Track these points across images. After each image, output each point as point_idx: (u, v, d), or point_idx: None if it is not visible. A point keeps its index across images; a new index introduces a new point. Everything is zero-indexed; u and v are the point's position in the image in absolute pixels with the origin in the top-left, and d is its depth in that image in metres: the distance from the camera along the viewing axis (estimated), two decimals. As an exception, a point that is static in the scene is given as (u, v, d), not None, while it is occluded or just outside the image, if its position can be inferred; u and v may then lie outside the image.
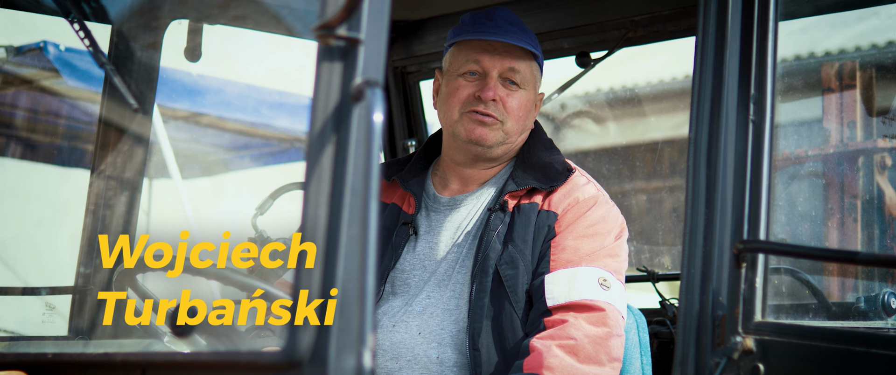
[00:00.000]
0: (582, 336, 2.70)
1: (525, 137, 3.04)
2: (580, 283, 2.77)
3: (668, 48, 5.46)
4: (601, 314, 2.73)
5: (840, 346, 2.16)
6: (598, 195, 2.94)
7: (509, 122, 2.94)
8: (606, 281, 2.78)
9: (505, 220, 2.88)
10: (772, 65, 2.31)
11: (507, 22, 2.99)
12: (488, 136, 2.93)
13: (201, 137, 8.06)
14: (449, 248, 2.94)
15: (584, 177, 2.99)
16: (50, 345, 3.22)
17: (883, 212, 5.08)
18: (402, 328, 2.85)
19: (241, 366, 1.90)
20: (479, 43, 2.97)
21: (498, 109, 2.93)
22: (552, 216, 2.87)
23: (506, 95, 2.94)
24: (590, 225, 2.86)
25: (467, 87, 2.95)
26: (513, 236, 2.85)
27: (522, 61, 2.97)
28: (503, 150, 2.98)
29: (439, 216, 3.00)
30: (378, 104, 1.79)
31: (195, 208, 7.43)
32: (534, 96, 3.02)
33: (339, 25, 1.83)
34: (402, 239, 2.98)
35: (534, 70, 3.01)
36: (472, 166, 3.02)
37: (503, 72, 2.95)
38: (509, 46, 2.96)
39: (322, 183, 1.81)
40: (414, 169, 3.09)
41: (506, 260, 2.82)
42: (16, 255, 7.51)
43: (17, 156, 7.83)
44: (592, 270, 2.79)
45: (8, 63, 6.66)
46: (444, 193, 3.04)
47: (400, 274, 2.94)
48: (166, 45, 3.60)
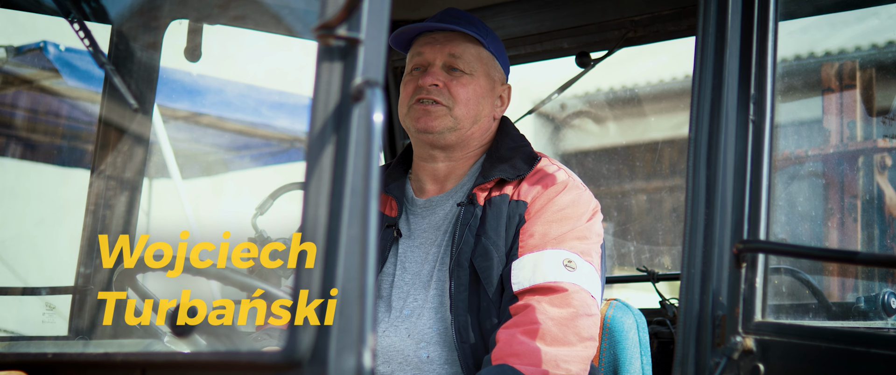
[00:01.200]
0: (546, 320, 2.69)
1: (484, 127, 3.01)
2: (544, 266, 2.76)
3: (668, 48, 5.47)
4: (564, 295, 2.72)
5: (840, 346, 2.16)
6: (567, 180, 2.92)
7: (458, 108, 2.93)
8: (571, 262, 2.76)
9: (476, 213, 2.88)
10: (772, 65, 2.31)
11: (454, 17, 3.00)
12: (435, 123, 2.92)
13: (201, 137, 8.06)
14: (429, 249, 2.95)
15: (555, 164, 2.98)
16: (50, 345, 3.22)
17: (883, 212, 5.08)
18: (392, 332, 2.86)
19: (241, 366, 1.90)
20: (422, 37, 3.00)
21: (442, 94, 2.92)
22: (522, 205, 2.87)
23: (449, 80, 2.93)
24: (559, 209, 2.85)
25: (413, 82, 2.97)
26: (485, 228, 2.85)
27: (465, 47, 2.96)
28: (456, 137, 2.96)
29: (417, 219, 3.01)
30: (378, 104, 1.79)
31: (195, 208, 7.43)
32: (486, 83, 2.99)
33: (339, 25, 1.83)
34: (387, 242, 2.98)
35: (483, 57, 2.99)
36: (437, 160, 3.01)
37: (445, 60, 2.95)
38: (450, 34, 2.97)
39: (322, 183, 1.81)
40: (394, 173, 3.09)
41: (480, 253, 2.83)
42: (16, 255, 7.51)
43: (17, 156, 7.83)
44: (557, 252, 2.78)
45: (8, 63, 6.66)
46: (421, 196, 3.05)
47: (386, 277, 2.96)
48: (166, 45, 3.61)
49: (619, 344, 3.05)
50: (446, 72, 2.94)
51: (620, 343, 3.05)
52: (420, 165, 3.06)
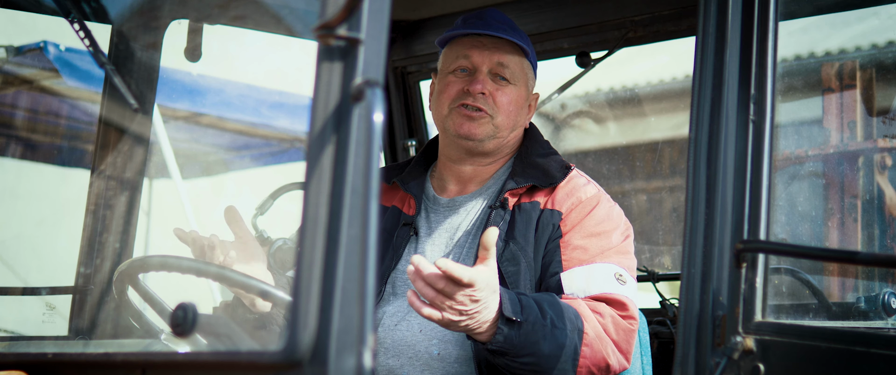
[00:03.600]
0: (609, 316, 2.73)
1: (518, 135, 3.04)
2: (598, 278, 2.79)
3: (668, 48, 5.46)
4: (625, 308, 2.77)
5: (840, 346, 2.16)
6: (599, 195, 2.95)
7: (499, 117, 2.95)
8: (622, 277, 2.81)
9: (505, 218, 2.89)
10: (772, 65, 2.31)
11: (497, 21, 3.01)
12: (477, 131, 2.94)
13: (201, 137, 8.06)
14: (449, 248, 2.95)
15: (584, 177, 3.01)
16: (50, 345, 3.21)
17: (883, 212, 5.07)
18: (404, 326, 2.86)
19: (241, 366, 1.90)
20: (468, 39, 3.00)
21: (487, 103, 2.94)
22: (556, 215, 2.88)
23: (495, 90, 2.95)
24: (596, 223, 2.88)
25: (457, 83, 2.97)
26: (514, 234, 2.86)
27: (512, 56, 2.98)
28: (494, 145, 2.99)
29: (438, 217, 3.01)
30: (378, 104, 1.79)
31: (195, 208, 7.43)
32: (525, 93, 3.02)
33: (339, 25, 1.83)
34: (403, 240, 2.98)
35: (524, 67, 3.01)
36: (466, 163, 3.03)
37: (492, 67, 2.96)
38: (498, 41, 2.97)
39: (322, 183, 1.81)
40: (414, 171, 3.10)
41: (507, 258, 2.83)
42: (16, 255, 7.51)
43: (17, 156, 7.83)
44: (607, 266, 2.81)
45: (8, 63, 6.66)
46: (443, 195, 3.05)
47: (401, 274, 2.95)
48: (166, 45, 3.60)
49: (619, 344, 3.05)
50: (492, 79, 2.96)
51: (620, 343, 3.06)
52: (446, 165, 3.06)
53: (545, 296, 2.67)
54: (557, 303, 2.65)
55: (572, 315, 2.65)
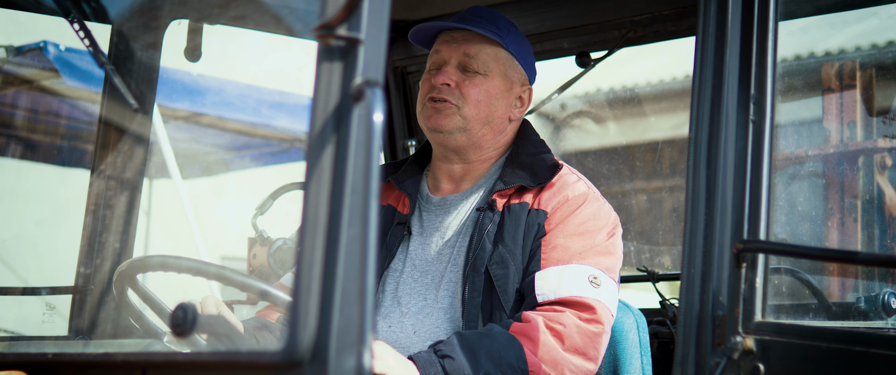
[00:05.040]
0: (572, 325, 2.69)
1: (498, 129, 2.99)
2: (570, 280, 2.75)
3: (668, 48, 5.47)
4: (591, 311, 2.73)
5: (840, 346, 2.16)
6: (588, 192, 2.91)
7: (467, 108, 2.91)
8: (596, 279, 2.77)
9: (494, 220, 2.87)
10: (772, 65, 2.31)
11: (474, 15, 3.00)
12: (444, 122, 2.91)
13: (201, 137, 8.07)
14: (441, 248, 2.94)
15: (574, 174, 2.97)
16: (50, 345, 3.22)
17: (883, 212, 5.08)
18: (398, 328, 2.85)
19: (241, 366, 1.90)
20: (442, 36, 3.01)
21: (452, 94, 2.91)
22: (542, 214, 2.86)
23: (462, 80, 2.92)
24: (580, 222, 2.85)
25: (428, 80, 2.98)
26: (503, 236, 2.84)
27: (482, 46, 2.95)
28: (466, 138, 2.95)
29: (431, 216, 3.00)
30: (378, 104, 1.78)
31: (195, 208, 7.43)
32: (502, 85, 2.97)
33: (339, 25, 1.82)
34: (397, 239, 2.98)
35: (499, 58, 2.97)
36: (454, 162, 3.01)
37: (460, 59, 2.94)
38: (468, 34, 2.96)
39: (322, 183, 1.81)
40: (409, 170, 3.09)
41: (496, 261, 2.82)
42: (16, 255, 7.52)
43: (17, 156, 7.83)
44: (583, 268, 2.78)
45: (8, 63, 6.66)
46: (437, 194, 3.04)
47: (394, 273, 2.94)
48: (166, 45, 3.61)
49: (619, 344, 3.05)
50: (460, 71, 2.93)
51: (620, 343, 3.05)
52: (437, 164, 3.06)
53: (484, 342, 2.63)
54: (497, 349, 2.62)
55: (513, 359, 2.61)
